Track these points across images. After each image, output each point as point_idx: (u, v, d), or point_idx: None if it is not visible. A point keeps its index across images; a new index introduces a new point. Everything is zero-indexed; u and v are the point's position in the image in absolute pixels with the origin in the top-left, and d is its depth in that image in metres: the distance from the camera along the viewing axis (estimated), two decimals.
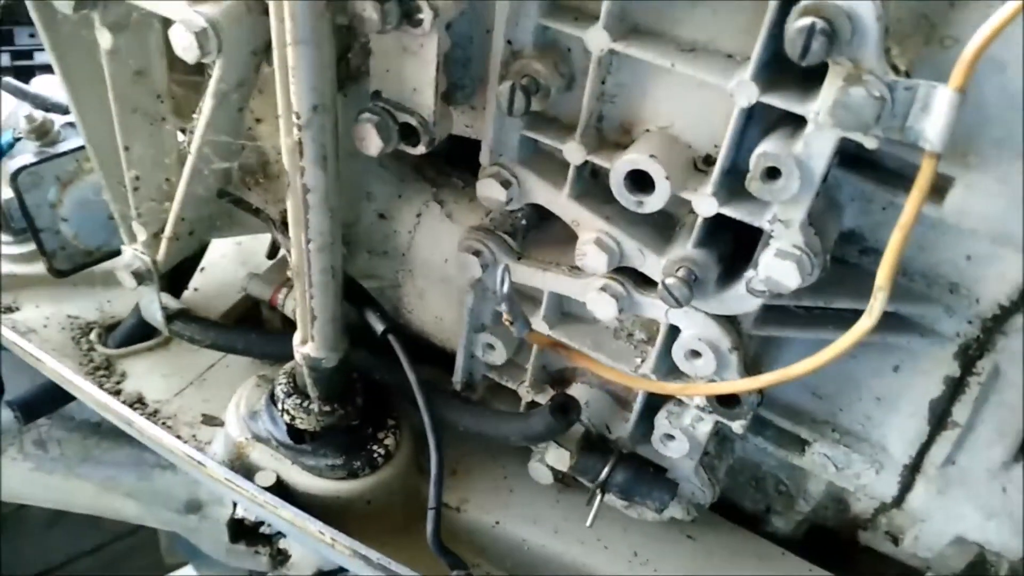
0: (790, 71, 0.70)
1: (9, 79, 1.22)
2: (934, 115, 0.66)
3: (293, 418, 1.03)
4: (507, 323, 0.89)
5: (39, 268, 1.23)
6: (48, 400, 1.18)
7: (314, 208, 0.84)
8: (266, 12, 0.80)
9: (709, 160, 0.82)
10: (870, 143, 0.69)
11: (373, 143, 0.84)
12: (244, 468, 1.06)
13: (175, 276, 1.18)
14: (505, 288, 0.85)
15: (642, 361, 0.96)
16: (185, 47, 0.79)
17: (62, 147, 1.14)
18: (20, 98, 1.20)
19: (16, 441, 1.18)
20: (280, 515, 1.00)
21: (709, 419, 0.95)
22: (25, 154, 1.12)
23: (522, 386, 1.07)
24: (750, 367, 0.91)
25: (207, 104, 0.87)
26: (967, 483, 0.94)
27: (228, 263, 1.34)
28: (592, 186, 0.88)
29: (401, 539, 1.09)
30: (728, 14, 0.75)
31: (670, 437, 0.98)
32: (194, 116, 0.90)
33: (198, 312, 1.26)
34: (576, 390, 1.04)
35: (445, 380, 1.13)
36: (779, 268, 0.77)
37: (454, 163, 1.06)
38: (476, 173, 0.93)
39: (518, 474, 1.14)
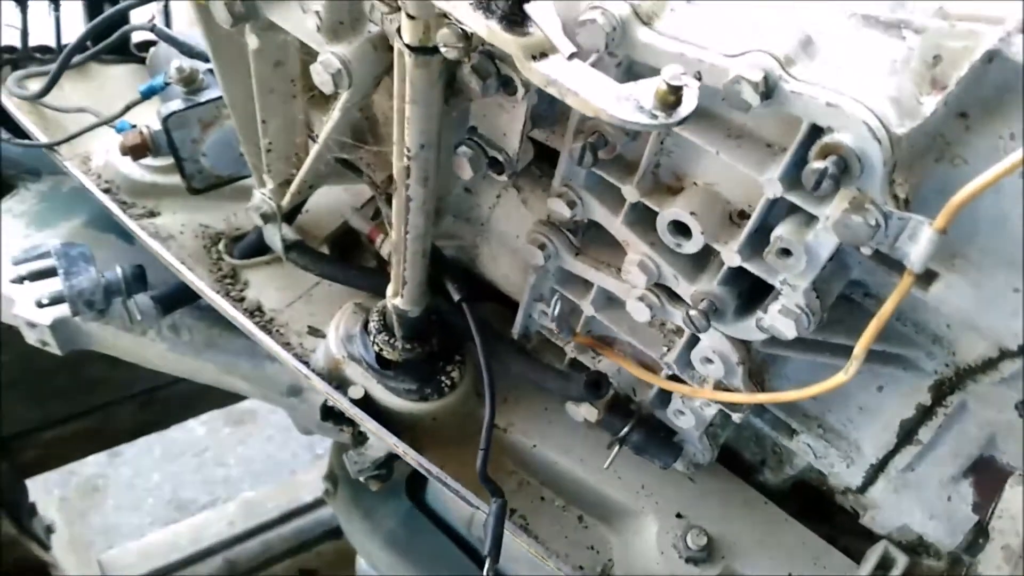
0: None
1: (162, 27, 1.39)
2: (918, 245, 0.80)
3: (381, 349, 1.27)
4: (555, 331, 1.09)
5: (177, 180, 1.46)
6: (183, 297, 1.44)
7: (414, 212, 1.04)
8: (389, 48, 0.97)
9: (744, 215, 0.98)
10: (865, 252, 0.85)
11: (466, 171, 1.02)
12: (339, 379, 1.32)
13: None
14: (556, 312, 1.04)
15: (668, 350, 1.16)
16: (322, 82, 0.96)
17: (205, 95, 1.33)
18: (170, 44, 1.38)
19: (155, 325, 1.45)
20: (365, 424, 1.27)
21: (715, 406, 1.16)
22: (175, 99, 1.32)
23: (568, 345, 1.28)
24: (755, 375, 1.10)
25: (334, 114, 1.05)
26: (920, 488, 1.14)
27: (336, 187, 1.54)
28: (642, 216, 1.05)
29: (456, 450, 1.35)
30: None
31: (681, 413, 1.19)
32: (323, 119, 1.08)
33: (307, 230, 1.49)
34: (612, 356, 1.25)
35: (507, 317, 1.35)
36: (781, 321, 0.95)
37: (537, 155, 1.22)
38: (553, 166, 1.10)
39: (557, 409, 1.37)
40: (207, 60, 1.36)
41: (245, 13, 1.00)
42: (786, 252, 0.90)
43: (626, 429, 1.21)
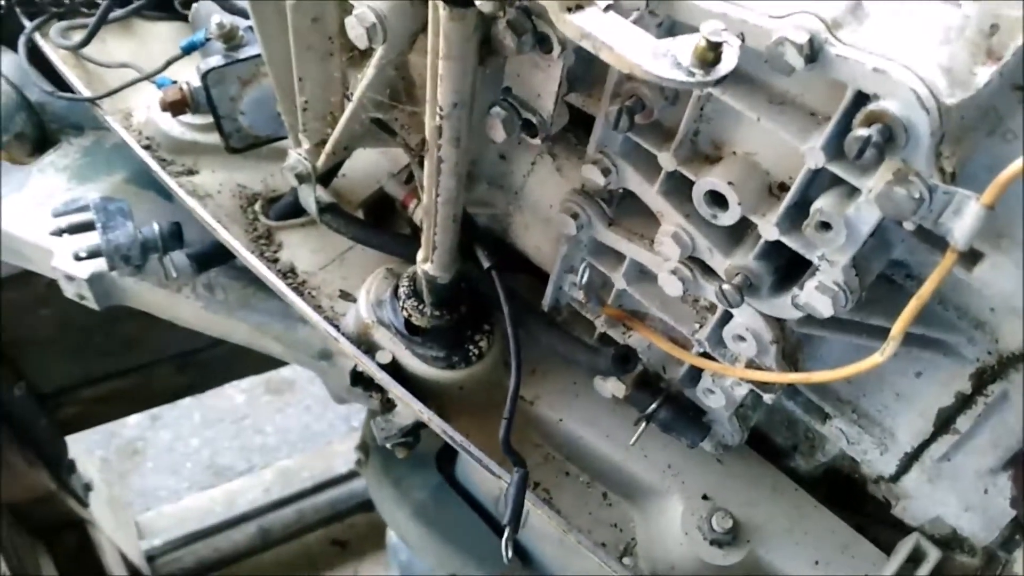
0: None
1: None
2: (963, 220, 0.77)
3: (410, 315, 1.26)
4: (583, 303, 1.07)
5: (215, 138, 1.46)
6: (218, 255, 1.44)
7: (445, 174, 1.03)
8: (425, 3, 0.95)
9: (783, 187, 0.95)
10: (908, 227, 0.82)
11: (499, 133, 1.00)
12: (368, 343, 1.32)
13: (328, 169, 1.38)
14: (584, 280, 1.02)
15: (700, 327, 1.14)
16: (357, 36, 0.95)
17: (244, 51, 1.32)
18: None
19: (190, 283, 1.46)
20: (392, 390, 1.27)
21: (746, 386, 1.13)
22: (215, 56, 1.32)
23: (599, 318, 1.26)
24: (788, 355, 1.07)
25: (369, 71, 1.04)
26: (955, 478, 1.10)
27: (373, 152, 1.53)
28: (679, 185, 1.02)
29: (482, 419, 1.34)
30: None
31: (711, 392, 1.17)
32: (358, 76, 1.07)
33: (343, 195, 1.49)
34: (642, 330, 1.23)
35: (538, 289, 1.34)
36: (817, 299, 0.92)
37: (572, 122, 1.20)
38: (589, 133, 1.08)
39: (585, 383, 1.35)
40: (248, 17, 1.36)
41: None
42: (826, 225, 0.87)
43: (654, 406, 1.19)
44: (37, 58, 1.55)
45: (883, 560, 1.26)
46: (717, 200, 0.95)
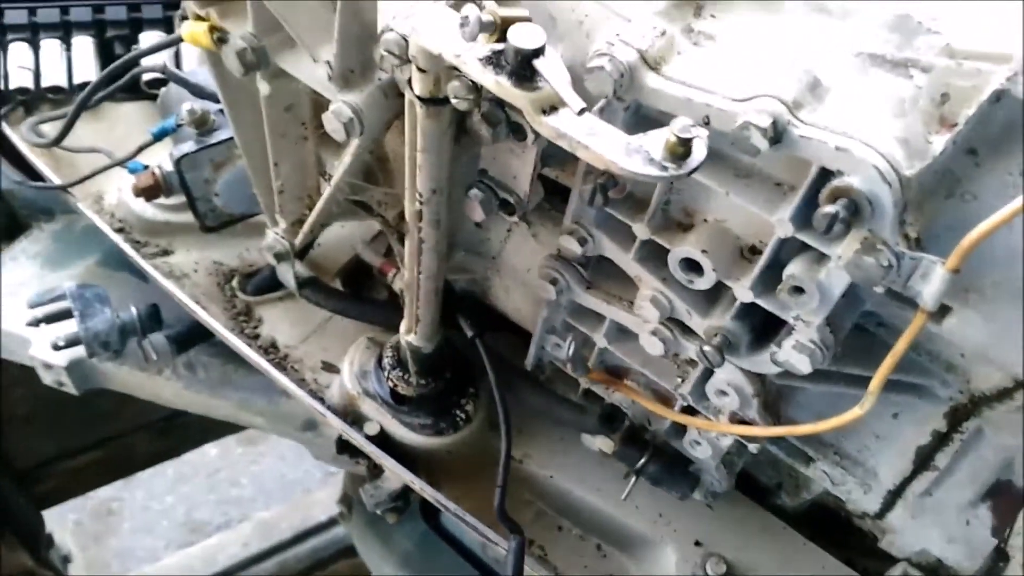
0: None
1: (173, 69, 1.41)
2: (931, 284, 0.81)
3: (396, 385, 1.28)
4: (569, 369, 1.10)
5: (189, 217, 1.47)
6: (198, 335, 1.45)
7: (426, 253, 1.05)
8: (399, 95, 0.98)
9: (754, 250, 0.98)
10: (877, 290, 0.86)
11: (477, 214, 1.03)
12: (354, 414, 1.33)
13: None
14: (571, 353, 1.05)
15: (682, 381, 1.17)
16: (334, 130, 0.97)
17: (216, 135, 1.34)
18: (182, 86, 1.40)
19: (171, 363, 1.46)
20: (382, 461, 1.28)
21: (731, 437, 1.16)
22: (187, 141, 1.33)
23: (582, 376, 1.29)
24: (770, 406, 1.10)
25: (345, 160, 1.06)
26: (938, 512, 1.14)
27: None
28: (654, 252, 1.05)
29: (473, 482, 1.36)
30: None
31: (697, 443, 1.20)
32: (334, 158, 1.09)
33: (319, 264, 1.50)
34: (626, 391, 1.26)
35: (519, 346, 1.36)
36: (795, 357, 0.96)
37: (546, 190, 1.23)
38: (564, 200, 1.11)
39: (572, 439, 1.37)
40: (218, 100, 1.37)
41: (256, 62, 1.01)
42: (798, 290, 0.90)
43: (642, 461, 1.22)
44: (4, 144, 1.55)
45: None
46: (692, 266, 0.99)
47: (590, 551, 1.38)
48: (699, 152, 0.74)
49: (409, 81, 0.87)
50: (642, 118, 0.90)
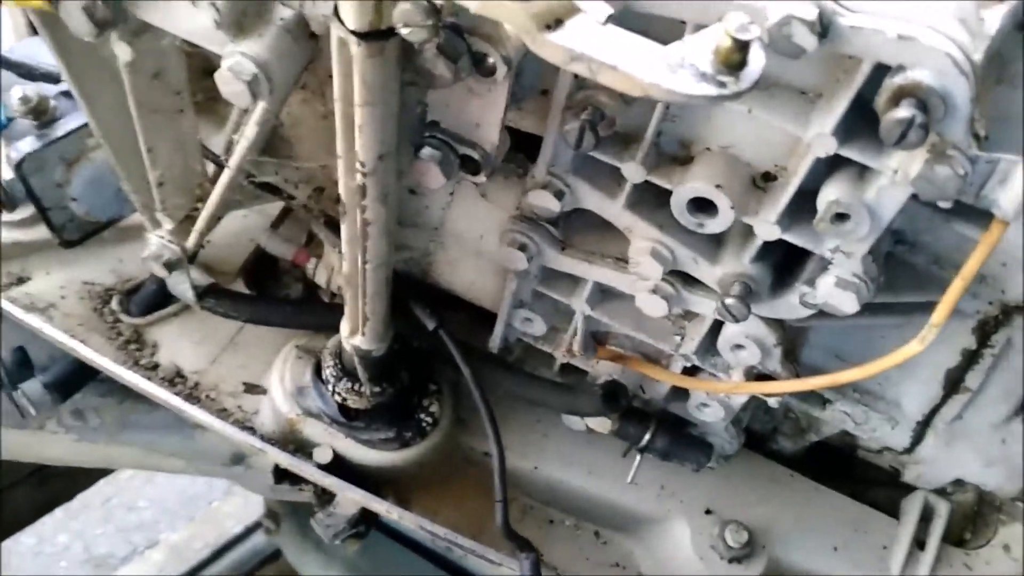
0: (864, 117, 0.70)
1: None
2: (1010, 188, 0.68)
3: (345, 399, 1.07)
4: (578, 355, 0.92)
5: (44, 233, 1.18)
6: (81, 375, 1.18)
7: (374, 237, 0.84)
8: (311, 36, 0.76)
9: (768, 176, 0.83)
10: (944, 206, 0.71)
11: (436, 179, 0.82)
12: (297, 442, 1.11)
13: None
14: (581, 337, 0.87)
15: (681, 340, 1.01)
16: (236, 93, 0.74)
17: (62, 125, 1.06)
18: (4, 68, 1.10)
19: (53, 414, 1.19)
20: (342, 493, 1.07)
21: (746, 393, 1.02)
22: (26, 138, 1.04)
23: (558, 350, 1.11)
24: (789, 353, 0.96)
25: (250, 131, 0.82)
26: (971, 436, 1.04)
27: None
28: (647, 196, 0.88)
29: (447, 488, 1.18)
30: None
31: (706, 405, 1.05)
32: (233, 137, 0.85)
33: (213, 266, 1.25)
34: (610, 351, 1.09)
35: (475, 327, 1.17)
36: (839, 296, 0.81)
37: None
38: (515, 149, 0.92)
39: (551, 420, 1.21)
40: (57, 80, 1.09)
41: (110, 17, 0.75)
42: (843, 217, 0.75)
43: (647, 436, 1.06)
44: None
45: (894, 526, 1.20)
46: (702, 206, 0.82)
47: (588, 540, 1.23)
48: (757, 58, 0.56)
49: (335, 13, 0.65)
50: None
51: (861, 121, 0.72)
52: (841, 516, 1.20)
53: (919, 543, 1.18)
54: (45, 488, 2.28)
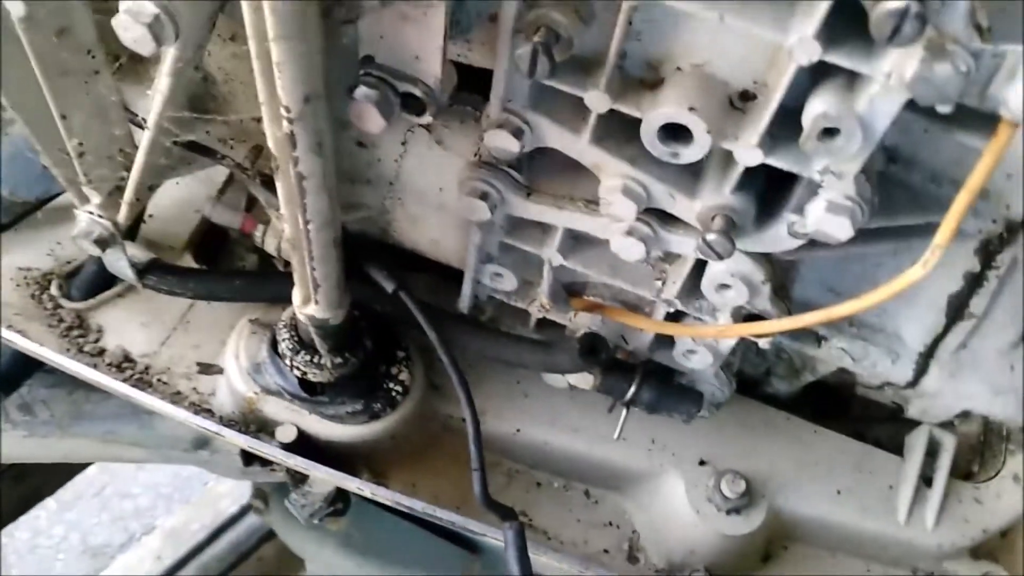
0: (849, 17, 0.62)
1: None
2: (1020, 84, 0.60)
3: (305, 373, 0.99)
4: (549, 308, 0.85)
5: None
6: (24, 368, 1.10)
7: (311, 192, 0.75)
8: None
9: (746, 96, 0.74)
10: (944, 110, 0.63)
11: (374, 122, 0.73)
12: (258, 422, 1.04)
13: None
14: (548, 287, 0.79)
15: (663, 284, 0.94)
16: (136, 39, 0.65)
17: None
18: None
19: None
20: (309, 472, 1.00)
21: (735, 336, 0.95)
22: None
23: (532, 304, 1.04)
24: (779, 289, 0.89)
25: (163, 83, 0.73)
26: (977, 364, 0.98)
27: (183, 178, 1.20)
28: (614, 127, 0.80)
29: (423, 460, 1.11)
30: None
31: (692, 352, 0.98)
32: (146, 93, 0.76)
33: (158, 242, 1.17)
34: (586, 302, 1.01)
35: (444, 288, 1.09)
36: (831, 222, 0.74)
37: None
38: (468, 90, 0.83)
39: (531, 379, 1.14)
40: None
41: None
42: (831, 132, 0.67)
43: (632, 389, 0.99)
44: None
45: (898, 463, 1.14)
46: (674, 133, 0.74)
47: (578, 501, 1.17)
48: None
49: None
50: None
51: (846, 21, 0.63)
52: (842, 458, 1.14)
53: (926, 480, 1.13)
54: (25, 483, 2.21)
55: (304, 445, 1.01)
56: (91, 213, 0.95)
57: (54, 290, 1.11)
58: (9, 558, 4.30)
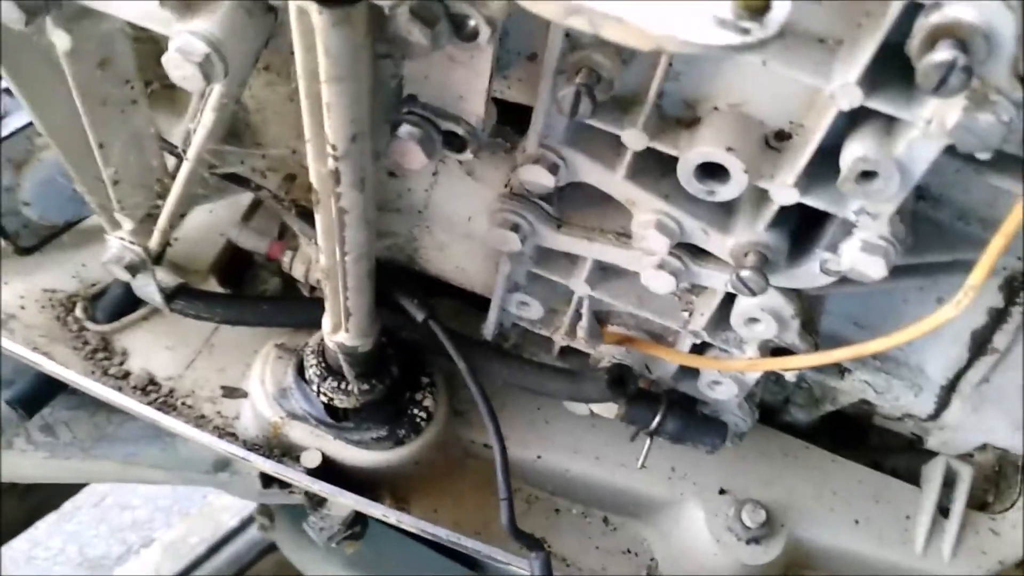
0: (889, 62, 0.63)
1: None
2: None
3: (331, 399, 0.99)
4: (584, 341, 0.85)
5: None
6: (48, 389, 1.10)
7: (352, 227, 0.76)
8: (268, 10, 0.67)
9: (781, 136, 0.75)
10: (983, 157, 0.64)
11: (417, 159, 0.74)
12: (283, 447, 1.04)
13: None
14: (586, 320, 0.80)
15: (690, 316, 0.94)
16: (186, 77, 0.65)
17: (6, 125, 0.97)
18: None
19: (21, 431, 1.11)
20: (335, 499, 1.00)
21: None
22: None
23: (557, 332, 1.04)
24: (808, 324, 0.90)
25: (207, 118, 0.74)
26: (999, 398, 0.99)
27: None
28: (649, 164, 0.81)
29: (446, 485, 1.11)
30: None
31: (717, 383, 0.99)
32: (190, 127, 0.77)
33: (183, 265, 1.17)
34: (616, 335, 1.02)
35: (466, 314, 1.10)
36: (866, 261, 0.74)
37: None
38: (500, 123, 0.84)
39: (551, 406, 1.14)
40: None
41: (43, 2, 0.67)
42: (869, 175, 0.68)
43: (657, 419, 1.00)
44: None
45: (915, 494, 1.15)
46: (711, 172, 0.75)
47: (597, 528, 1.17)
48: (782, 1, 0.48)
49: None
50: None
51: (887, 67, 0.64)
52: (860, 487, 1.15)
53: (942, 510, 1.13)
54: (29, 498, 2.20)
55: (328, 470, 1.01)
56: (122, 239, 0.96)
57: (79, 312, 1.12)
58: (7, 568, 4.27)
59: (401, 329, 1.05)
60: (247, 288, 1.21)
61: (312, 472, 1.01)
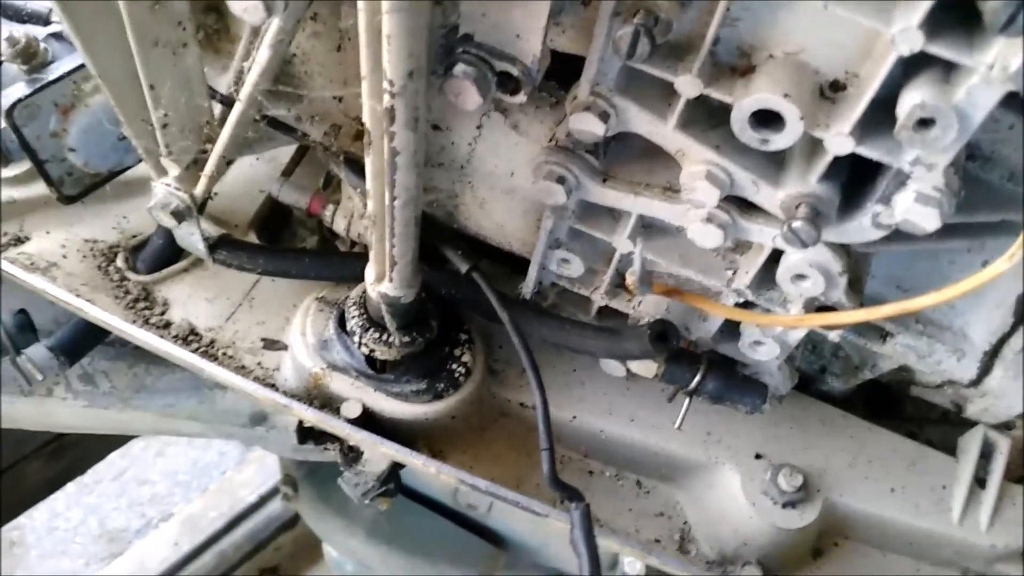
0: (951, 6, 0.63)
1: None
2: None
3: (373, 350, 1.00)
4: (635, 289, 0.85)
5: (42, 188, 1.11)
6: (89, 338, 1.11)
7: (402, 168, 0.76)
8: None
9: (836, 86, 0.75)
10: None
11: (472, 99, 0.74)
12: (323, 397, 1.05)
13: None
14: (638, 267, 0.80)
15: (733, 274, 0.94)
16: (247, 9, 0.66)
17: (54, 69, 0.97)
18: None
19: (61, 379, 1.12)
20: (376, 447, 1.01)
21: (802, 328, 0.95)
22: (15, 84, 0.96)
23: (596, 292, 1.04)
24: (855, 282, 0.89)
25: (263, 55, 0.75)
26: None
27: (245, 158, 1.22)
28: (699, 114, 0.80)
29: (481, 440, 1.12)
30: None
31: (759, 344, 0.98)
32: (244, 66, 0.77)
33: (223, 219, 1.18)
34: (663, 287, 1.02)
35: (499, 275, 1.10)
36: (919, 212, 0.74)
37: None
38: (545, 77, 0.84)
39: (587, 367, 1.14)
40: (45, 22, 1.01)
41: None
42: (927, 123, 0.68)
43: (698, 378, 0.99)
44: None
45: (951, 463, 1.14)
46: (765, 120, 0.74)
47: (630, 491, 1.17)
48: None
49: None
50: None
51: (948, 11, 0.64)
52: (897, 456, 1.14)
53: (979, 481, 1.13)
54: (58, 460, 2.24)
55: (367, 421, 1.02)
56: (168, 185, 0.96)
57: (120, 262, 1.13)
58: (28, 539, 4.34)
59: (440, 286, 1.05)
60: (286, 244, 1.22)
61: (353, 422, 1.01)
